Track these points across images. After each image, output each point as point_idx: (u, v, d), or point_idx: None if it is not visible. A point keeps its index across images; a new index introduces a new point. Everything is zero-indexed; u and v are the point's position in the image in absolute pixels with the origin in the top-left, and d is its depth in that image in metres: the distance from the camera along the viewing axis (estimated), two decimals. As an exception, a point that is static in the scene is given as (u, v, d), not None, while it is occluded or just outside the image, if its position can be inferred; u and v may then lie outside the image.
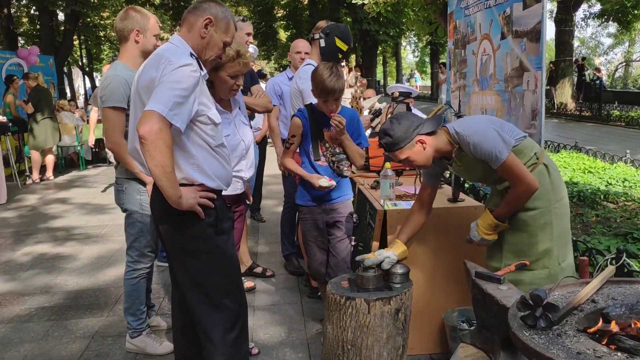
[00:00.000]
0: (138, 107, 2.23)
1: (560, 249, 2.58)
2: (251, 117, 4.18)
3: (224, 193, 2.54)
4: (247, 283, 4.16)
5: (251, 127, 4.33)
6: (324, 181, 3.03)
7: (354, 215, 3.37)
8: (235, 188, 2.94)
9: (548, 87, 18.84)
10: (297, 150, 3.22)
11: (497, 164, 2.40)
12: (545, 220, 2.52)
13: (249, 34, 4.06)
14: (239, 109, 3.04)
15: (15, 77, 9.85)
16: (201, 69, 2.24)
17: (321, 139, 3.12)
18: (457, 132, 2.46)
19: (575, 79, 20.08)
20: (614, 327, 1.64)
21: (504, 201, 2.51)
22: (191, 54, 2.23)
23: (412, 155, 2.51)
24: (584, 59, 22.15)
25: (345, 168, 3.16)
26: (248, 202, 3.39)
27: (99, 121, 9.18)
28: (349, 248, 3.24)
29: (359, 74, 7.19)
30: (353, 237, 3.32)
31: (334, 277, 3.12)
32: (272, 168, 4.64)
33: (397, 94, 4.22)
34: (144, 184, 3.05)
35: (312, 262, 3.32)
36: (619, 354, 1.55)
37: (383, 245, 3.06)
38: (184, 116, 2.11)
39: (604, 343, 1.63)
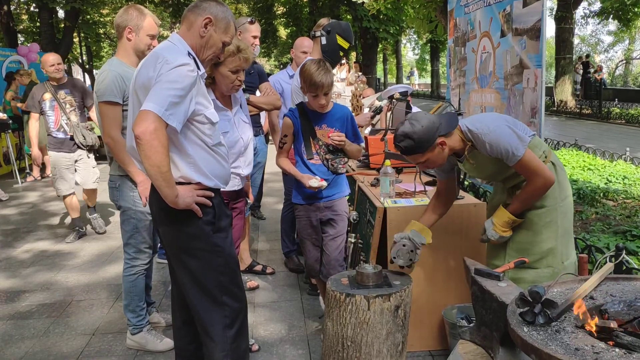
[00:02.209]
0: (135, 106, 2.24)
1: (564, 248, 2.59)
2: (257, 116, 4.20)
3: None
4: (251, 283, 4.18)
5: (260, 125, 4.35)
6: (314, 181, 3.04)
7: (353, 213, 3.38)
8: (232, 184, 2.95)
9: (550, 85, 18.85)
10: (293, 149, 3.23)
11: (514, 161, 2.39)
12: (551, 218, 2.53)
13: (255, 37, 4.05)
14: (240, 107, 3.05)
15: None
16: (198, 68, 2.25)
17: (314, 136, 3.12)
18: (471, 130, 2.43)
19: (580, 76, 20.05)
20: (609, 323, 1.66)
21: (519, 197, 2.50)
22: (189, 53, 2.24)
23: (431, 157, 2.45)
24: (587, 56, 22.07)
25: (341, 165, 3.17)
26: (248, 201, 3.39)
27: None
28: (342, 246, 3.25)
29: (360, 73, 7.15)
30: (353, 235, 3.33)
31: (326, 274, 3.15)
32: (272, 166, 4.64)
33: (398, 95, 4.24)
34: None
35: (307, 259, 3.35)
36: (617, 349, 1.56)
37: (383, 243, 3.07)
38: (180, 116, 2.11)
39: (601, 338, 1.64)
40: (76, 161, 5.60)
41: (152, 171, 2.08)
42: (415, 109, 4.64)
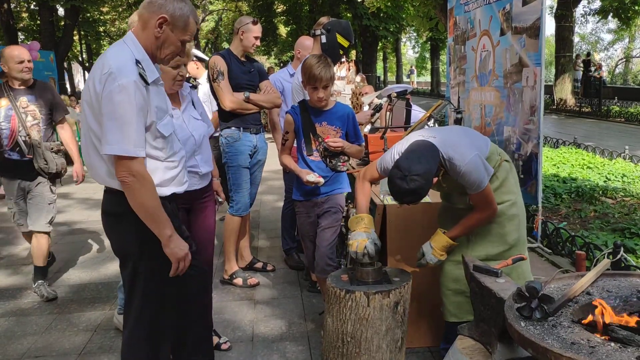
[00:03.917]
0: (83, 118, 2.16)
1: (524, 239, 2.72)
2: (258, 117, 4.21)
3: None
4: (251, 280, 4.21)
5: (261, 123, 4.35)
6: (312, 177, 3.05)
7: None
8: (191, 184, 2.89)
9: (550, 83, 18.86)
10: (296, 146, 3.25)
11: (477, 191, 2.46)
12: (513, 212, 2.64)
13: (256, 37, 4.07)
14: (192, 104, 3.03)
15: None
16: (145, 81, 2.09)
17: (314, 133, 3.13)
18: (450, 159, 2.42)
19: (580, 74, 20.07)
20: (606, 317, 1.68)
21: (464, 224, 2.58)
22: (137, 62, 2.09)
23: None
24: (588, 54, 22.06)
25: (340, 164, 3.16)
26: (219, 200, 3.34)
27: None
28: (333, 240, 3.22)
29: (359, 76, 7.11)
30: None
31: (318, 268, 3.18)
32: (272, 163, 4.67)
33: (395, 94, 4.27)
34: None
35: (306, 254, 3.41)
36: (612, 344, 1.59)
37: (382, 240, 3.08)
38: (142, 139, 2.07)
39: (598, 335, 1.66)
40: (29, 192, 4.10)
41: (141, 212, 2.09)
42: (415, 108, 4.66)
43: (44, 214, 4.13)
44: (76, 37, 22.03)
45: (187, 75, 2.98)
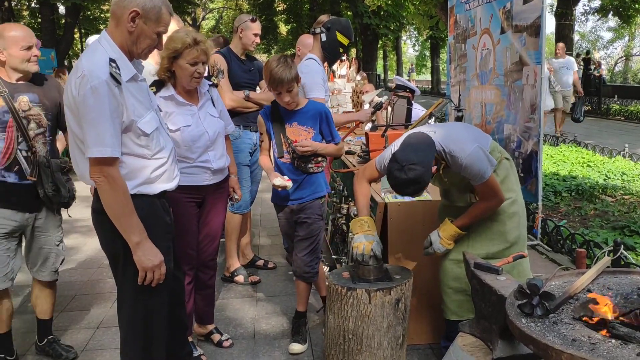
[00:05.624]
0: (68, 119, 2.14)
1: (525, 237, 2.74)
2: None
3: (186, 183, 2.43)
4: (252, 277, 4.23)
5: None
6: (278, 180, 2.94)
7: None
8: (202, 179, 2.92)
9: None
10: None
11: (481, 182, 2.48)
12: (514, 209, 2.66)
13: (256, 35, 4.07)
14: (212, 102, 3.02)
15: None
16: (116, 81, 2.05)
17: (284, 134, 3.04)
18: (450, 152, 2.44)
19: (580, 73, 20.05)
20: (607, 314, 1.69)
21: (470, 213, 2.60)
22: (111, 61, 2.06)
23: None
24: (588, 53, 22.06)
25: (313, 165, 3.07)
26: (236, 197, 3.29)
27: None
28: (313, 249, 3.17)
29: (359, 74, 7.06)
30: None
31: (296, 273, 3.18)
32: (273, 162, 4.68)
33: (394, 85, 4.29)
34: None
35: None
36: (613, 340, 1.60)
37: (384, 238, 3.10)
38: (118, 140, 2.06)
39: (602, 333, 1.68)
40: (28, 227, 3.02)
41: (110, 213, 2.09)
42: (415, 106, 4.67)
43: (52, 257, 3.13)
44: (77, 35, 22.02)
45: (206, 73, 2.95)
